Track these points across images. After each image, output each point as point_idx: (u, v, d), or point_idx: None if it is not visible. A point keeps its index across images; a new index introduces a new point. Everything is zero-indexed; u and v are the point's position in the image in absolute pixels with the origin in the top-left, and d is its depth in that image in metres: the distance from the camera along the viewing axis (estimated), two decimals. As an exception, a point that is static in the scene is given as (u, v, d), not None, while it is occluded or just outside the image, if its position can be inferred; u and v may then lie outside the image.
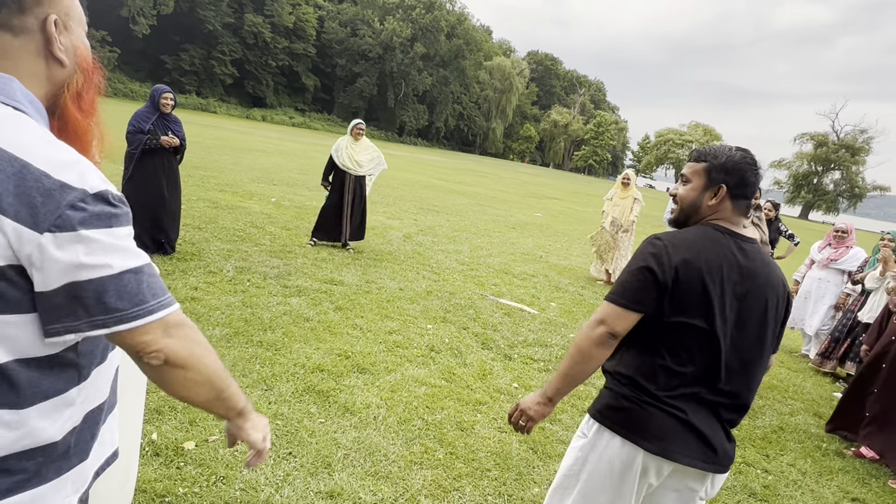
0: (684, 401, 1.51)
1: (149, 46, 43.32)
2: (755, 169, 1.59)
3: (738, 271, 1.52)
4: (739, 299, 1.52)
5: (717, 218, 1.60)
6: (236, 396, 1.03)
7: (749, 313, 1.53)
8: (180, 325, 0.91)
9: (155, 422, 2.62)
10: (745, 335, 1.54)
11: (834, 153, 60.16)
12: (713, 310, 1.48)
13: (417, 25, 57.63)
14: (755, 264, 1.55)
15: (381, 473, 2.58)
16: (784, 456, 3.60)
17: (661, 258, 1.50)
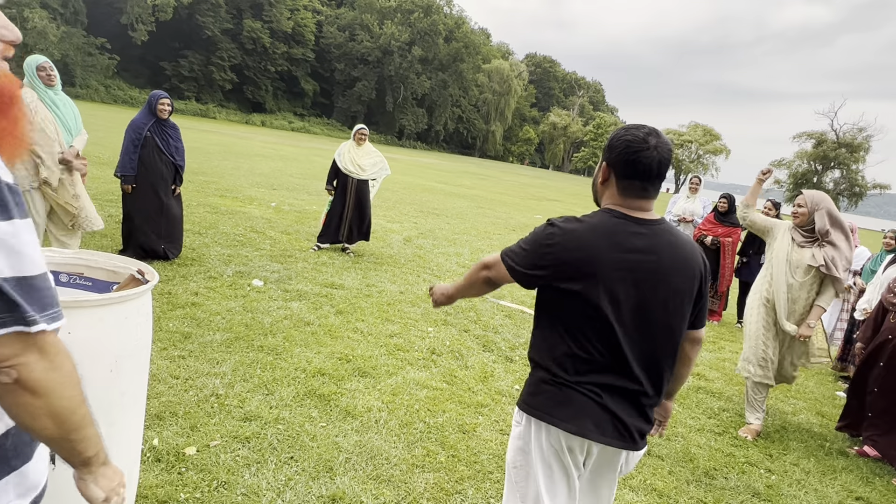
0: (598, 386, 1.52)
1: (148, 53, 43.44)
2: (641, 144, 1.47)
3: (632, 258, 1.48)
4: (636, 286, 1.48)
5: (612, 203, 1.55)
6: (86, 443, 0.91)
7: (649, 298, 1.49)
8: (51, 347, 0.81)
9: (156, 427, 2.61)
10: (648, 320, 1.51)
11: (833, 152, 60.15)
12: (604, 299, 1.46)
13: (415, 29, 57.75)
14: (655, 247, 1.50)
15: (382, 477, 2.57)
16: (787, 455, 3.59)
17: (554, 248, 1.50)
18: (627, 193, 1.52)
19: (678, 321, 1.57)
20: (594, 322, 1.49)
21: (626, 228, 1.50)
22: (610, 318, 1.47)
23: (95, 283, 1.96)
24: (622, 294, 1.47)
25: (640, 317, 1.50)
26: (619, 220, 1.51)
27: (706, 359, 5.27)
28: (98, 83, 38.95)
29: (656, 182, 1.52)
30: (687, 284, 1.55)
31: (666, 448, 3.35)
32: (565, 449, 1.55)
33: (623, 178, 1.51)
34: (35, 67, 4.19)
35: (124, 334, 1.71)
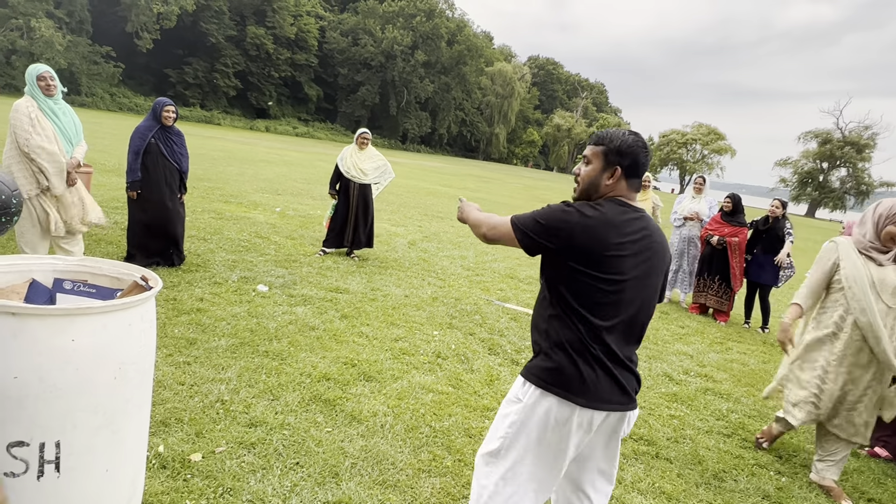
0: (606, 356, 1.72)
1: (153, 61, 43.72)
2: (646, 151, 1.79)
3: (635, 237, 1.73)
4: (636, 261, 1.72)
5: (616, 194, 1.79)
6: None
7: (645, 271, 1.76)
8: None
9: (161, 434, 2.61)
10: (642, 291, 1.76)
11: (839, 150, 59.83)
12: (610, 275, 1.69)
13: (418, 33, 57.88)
14: (648, 228, 1.77)
15: (389, 482, 2.56)
16: (797, 457, 3.56)
17: (569, 228, 1.69)
18: (632, 187, 1.80)
19: (657, 292, 1.85)
20: (602, 295, 1.69)
21: (630, 215, 1.75)
22: (615, 291, 1.70)
23: (99, 290, 1.96)
24: (626, 269, 1.71)
25: (637, 289, 1.75)
26: (626, 208, 1.76)
27: (714, 360, 5.24)
28: (103, 91, 39.22)
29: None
30: (665, 262, 1.85)
31: (674, 451, 3.32)
32: (573, 423, 1.71)
33: (632, 177, 1.79)
34: (35, 77, 4.20)
35: (128, 341, 1.71)
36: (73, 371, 1.57)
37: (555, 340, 1.74)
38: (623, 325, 1.74)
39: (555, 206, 1.75)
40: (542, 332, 1.79)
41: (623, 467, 3.03)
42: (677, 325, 6.30)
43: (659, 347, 5.33)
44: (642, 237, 1.74)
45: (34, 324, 1.52)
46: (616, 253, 1.68)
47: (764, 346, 6.12)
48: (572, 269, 1.70)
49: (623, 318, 1.73)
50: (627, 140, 1.77)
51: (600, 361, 1.71)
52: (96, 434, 1.66)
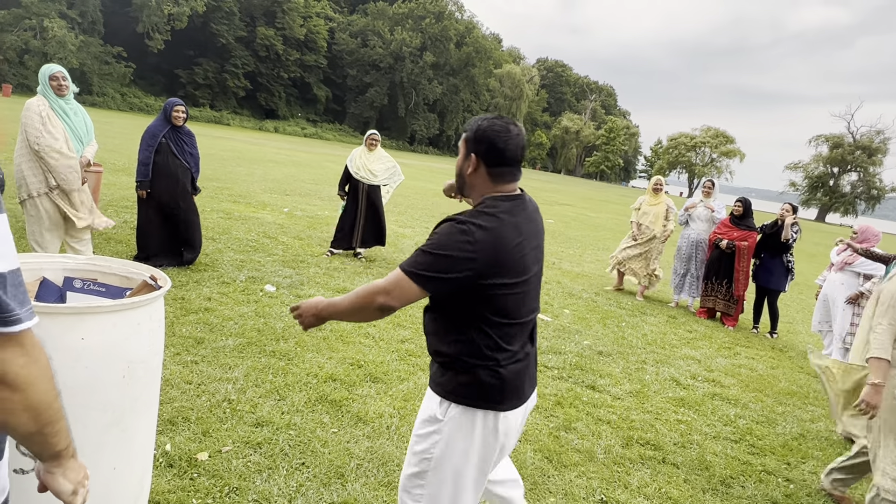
0: (519, 352, 1.67)
1: (163, 61, 44.01)
2: (506, 137, 1.61)
3: (529, 232, 1.64)
4: (535, 254, 1.68)
5: (491, 191, 1.65)
6: (60, 436, 0.92)
7: (539, 258, 1.73)
8: (29, 342, 0.82)
9: (168, 433, 2.62)
10: (539, 277, 1.75)
11: (850, 154, 59.34)
12: (521, 276, 1.61)
13: (427, 35, 57.97)
14: (535, 219, 1.71)
15: (394, 483, 2.56)
16: (806, 464, 3.53)
17: (476, 251, 1.51)
18: (500, 179, 1.65)
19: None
20: (516, 298, 1.62)
21: (518, 208, 1.64)
22: (523, 291, 1.64)
23: (109, 289, 1.97)
24: (529, 265, 1.65)
25: (537, 277, 1.72)
26: (508, 201, 1.63)
27: (721, 365, 5.21)
28: (114, 91, 39.52)
29: (520, 166, 1.69)
30: (543, 241, 1.80)
31: (681, 456, 3.30)
32: (498, 430, 1.65)
33: (495, 166, 1.63)
34: (48, 76, 4.24)
35: (137, 340, 1.72)
36: (82, 369, 1.58)
37: (466, 353, 1.61)
38: (527, 319, 1.69)
39: (446, 229, 1.56)
40: (449, 347, 1.63)
41: (629, 472, 3.02)
42: (685, 329, 6.27)
43: (666, 352, 5.30)
44: (531, 224, 1.67)
45: (44, 322, 1.52)
46: (520, 254, 1.60)
47: (772, 351, 6.08)
48: (482, 285, 1.55)
49: (526, 311, 1.67)
50: (483, 125, 1.63)
51: (515, 360, 1.65)
52: (105, 432, 1.67)
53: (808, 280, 12.21)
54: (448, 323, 1.64)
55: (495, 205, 1.60)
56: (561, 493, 2.72)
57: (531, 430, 3.28)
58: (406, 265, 1.53)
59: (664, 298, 7.70)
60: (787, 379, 5.17)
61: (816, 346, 6.63)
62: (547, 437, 3.22)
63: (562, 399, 3.78)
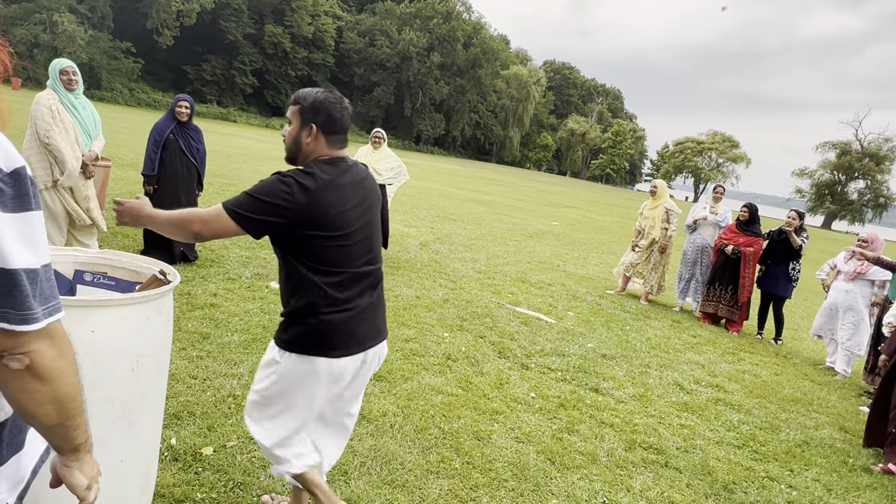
0: (350, 302, 1.84)
1: (171, 57, 44.18)
2: (341, 107, 1.84)
3: (356, 188, 1.85)
4: (364, 208, 1.87)
5: (325, 155, 1.84)
6: (80, 430, 0.93)
7: (373, 215, 1.94)
8: (59, 335, 0.84)
9: (174, 427, 2.63)
10: (373, 231, 1.94)
11: (858, 162, 59.06)
12: (346, 230, 1.80)
13: (434, 35, 58.01)
14: (361, 181, 1.90)
15: (397, 482, 2.57)
16: (809, 471, 3.52)
17: (294, 202, 1.70)
18: (334, 145, 1.86)
19: (380, 227, 2.01)
20: (341, 250, 1.80)
21: (341, 168, 1.84)
22: (347, 245, 1.82)
23: (118, 283, 1.99)
24: (351, 222, 1.82)
25: (369, 231, 1.91)
26: (335, 165, 1.83)
27: (725, 370, 5.19)
28: (123, 86, 39.69)
29: (347, 134, 1.91)
30: (381, 198, 2.02)
31: (684, 460, 3.30)
32: (328, 375, 1.84)
33: (331, 133, 1.84)
34: (58, 71, 4.29)
35: (146, 334, 1.73)
36: (91, 362, 1.59)
37: (302, 305, 1.80)
38: (361, 270, 1.86)
39: (270, 179, 1.74)
40: (288, 300, 1.85)
41: (632, 475, 3.02)
42: (689, 334, 6.25)
43: (670, 356, 5.29)
44: (359, 187, 1.87)
45: (56, 314, 1.54)
46: (340, 210, 1.77)
47: (777, 357, 6.06)
48: (303, 236, 1.75)
49: (359, 264, 1.86)
50: (319, 97, 1.82)
51: (347, 311, 1.83)
52: (112, 425, 1.69)
53: (813, 287, 12.18)
54: (288, 274, 1.83)
55: (320, 166, 1.80)
56: (563, 495, 2.72)
57: (534, 431, 3.28)
58: (228, 203, 1.71)
59: (668, 303, 7.68)
60: (791, 385, 5.15)
61: (819, 354, 6.61)
62: (550, 439, 3.22)
63: (565, 401, 3.78)
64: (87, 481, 0.99)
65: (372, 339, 1.93)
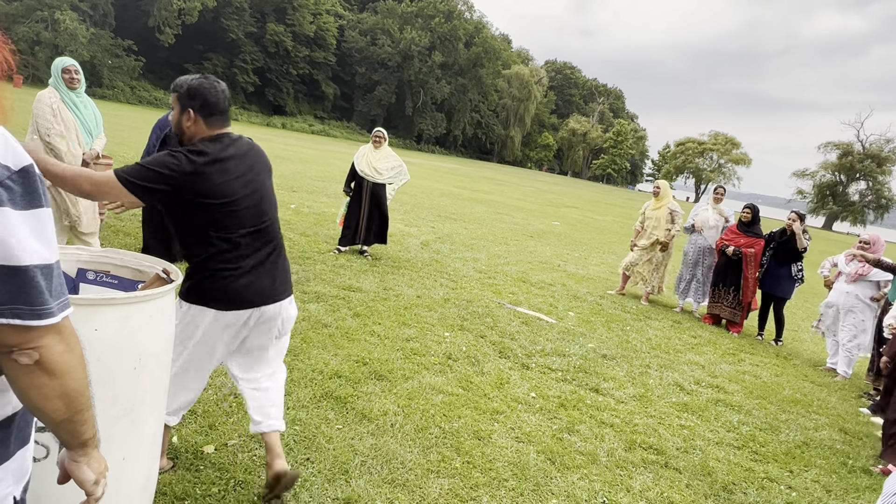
0: (242, 260, 2.05)
1: (173, 55, 44.19)
2: (215, 90, 2.02)
3: (237, 163, 2.04)
4: (246, 175, 2.06)
5: (204, 135, 2.02)
6: (88, 425, 0.94)
7: (262, 183, 2.14)
8: (68, 330, 0.85)
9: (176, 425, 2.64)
10: (265, 200, 2.14)
11: (859, 163, 58.99)
12: (234, 189, 2.00)
13: (436, 34, 58.00)
14: (247, 153, 2.10)
15: (397, 481, 2.58)
16: (808, 472, 3.52)
17: (182, 174, 1.89)
18: (214, 125, 2.03)
19: (272, 193, 2.22)
20: (229, 215, 2.00)
21: (228, 143, 2.04)
22: (234, 210, 2.01)
23: (121, 282, 1.99)
24: (237, 190, 2.02)
25: (257, 198, 2.10)
26: (219, 142, 2.01)
27: (725, 371, 5.20)
28: (124, 84, 39.72)
29: (228, 113, 2.10)
30: (268, 165, 2.23)
31: (683, 461, 3.30)
32: (227, 327, 2.10)
33: (209, 116, 2.02)
34: (61, 69, 4.29)
35: (149, 333, 1.74)
36: (94, 360, 1.59)
37: (197, 262, 2.03)
38: (251, 233, 2.07)
39: (162, 154, 1.93)
40: (190, 256, 2.05)
41: (632, 476, 3.03)
42: (690, 334, 6.26)
43: (670, 357, 5.30)
44: (243, 158, 2.07)
45: (59, 312, 1.55)
46: (224, 179, 1.97)
47: (777, 358, 6.06)
48: (191, 202, 1.93)
49: (246, 229, 2.05)
50: (194, 84, 2.00)
51: (235, 270, 2.04)
52: (115, 423, 1.69)
53: (814, 288, 12.18)
54: (184, 237, 2.04)
55: (205, 144, 1.99)
56: (563, 495, 2.73)
57: (534, 431, 3.29)
58: (120, 171, 1.87)
59: (669, 303, 7.69)
60: (791, 387, 5.16)
61: (819, 356, 6.62)
62: (550, 439, 3.23)
63: (565, 401, 3.79)
64: (94, 476, 1.00)
65: (265, 298, 2.13)
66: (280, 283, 2.20)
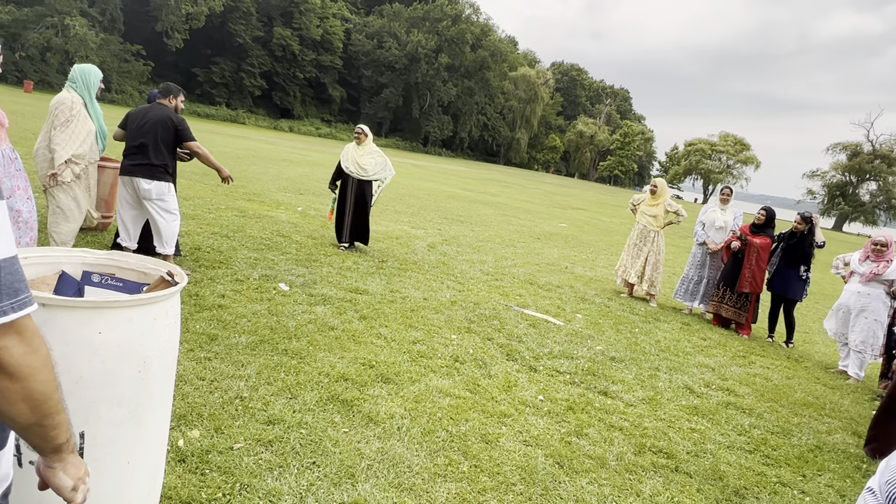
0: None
1: (181, 59, 44.49)
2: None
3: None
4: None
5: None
6: (60, 429, 0.90)
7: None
8: (29, 331, 0.81)
9: (181, 428, 2.63)
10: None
11: (869, 163, 58.47)
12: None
13: (443, 37, 58.06)
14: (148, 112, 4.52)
15: (404, 485, 2.55)
16: (821, 477, 3.46)
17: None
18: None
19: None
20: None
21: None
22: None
23: (126, 284, 1.98)
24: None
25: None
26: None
27: (736, 374, 5.14)
28: (133, 89, 39.99)
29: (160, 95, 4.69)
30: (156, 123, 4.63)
31: (694, 465, 3.26)
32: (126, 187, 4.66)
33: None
34: (98, 80, 4.57)
35: (153, 335, 1.72)
36: (99, 363, 1.58)
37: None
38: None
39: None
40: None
41: (642, 480, 2.99)
42: (699, 336, 6.20)
43: (680, 359, 5.24)
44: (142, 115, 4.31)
45: (63, 315, 1.54)
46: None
47: (788, 361, 5.99)
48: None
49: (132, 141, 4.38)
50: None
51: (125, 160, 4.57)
52: (120, 426, 1.68)
53: (824, 289, 12.06)
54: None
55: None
56: (572, 500, 2.69)
57: (542, 434, 3.26)
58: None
59: (678, 305, 7.62)
60: (802, 389, 5.09)
61: (831, 359, 6.54)
62: (558, 443, 3.19)
63: (574, 404, 3.75)
64: (72, 482, 0.96)
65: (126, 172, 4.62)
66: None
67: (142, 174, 4.61)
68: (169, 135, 4.76)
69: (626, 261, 7.46)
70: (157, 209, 4.74)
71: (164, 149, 4.74)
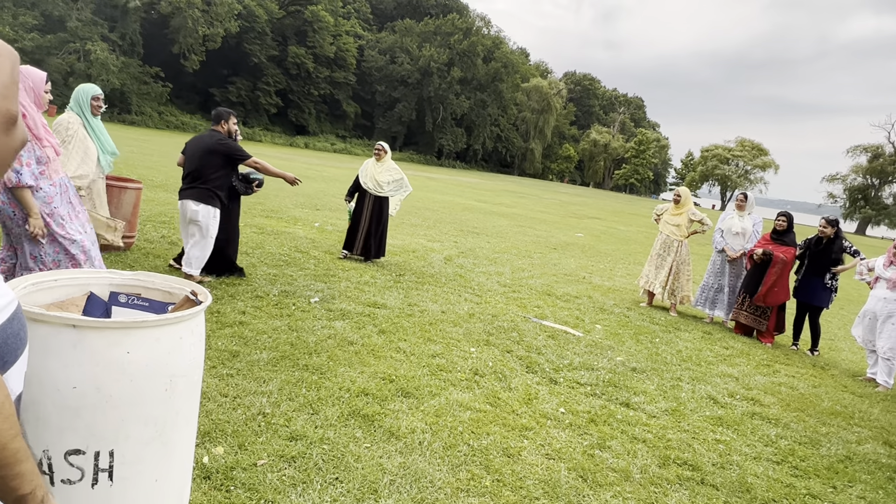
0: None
1: (198, 80, 45.40)
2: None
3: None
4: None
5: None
6: (20, 480, 0.82)
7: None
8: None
9: (206, 445, 2.66)
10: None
11: (891, 165, 57.44)
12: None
13: (455, 51, 58.55)
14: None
15: (427, 500, 2.54)
16: (853, 488, 3.38)
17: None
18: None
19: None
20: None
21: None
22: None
23: (152, 304, 2.02)
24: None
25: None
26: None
27: (760, 383, 5.05)
28: (152, 110, 40.87)
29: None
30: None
31: (720, 477, 3.20)
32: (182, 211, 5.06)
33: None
34: (91, 97, 4.50)
35: (179, 354, 1.75)
36: (127, 382, 1.61)
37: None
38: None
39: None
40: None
41: (667, 493, 2.94)
42: (721, 345, 6.11)
43: (703, 369, 5.17)
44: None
45: (92, 336, 1.58)
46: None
47: (814, 369, 5.88)
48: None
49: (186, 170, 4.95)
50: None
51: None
52: (147, 445, 1.71)
53: (849, 295, 11.82)
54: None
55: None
56: (597, 514, 2.66)
57: (564, 447, 3.23)
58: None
59: (698, 314, 7.53)
60: (830, 398, 4.99)
61: (859, 366, 6.39)
62: (581, 456, 3.16)
63: (595, 416, 3.71)
64: None
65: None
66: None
67: (191, 197, 5.00)
68: (217, 160, 5.11)
69: (650, 271, 7.39)
70: (197, 230, 5.06)
71: (211, 174, 5.07)
